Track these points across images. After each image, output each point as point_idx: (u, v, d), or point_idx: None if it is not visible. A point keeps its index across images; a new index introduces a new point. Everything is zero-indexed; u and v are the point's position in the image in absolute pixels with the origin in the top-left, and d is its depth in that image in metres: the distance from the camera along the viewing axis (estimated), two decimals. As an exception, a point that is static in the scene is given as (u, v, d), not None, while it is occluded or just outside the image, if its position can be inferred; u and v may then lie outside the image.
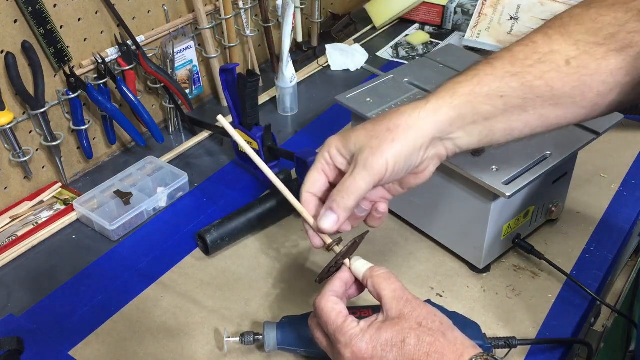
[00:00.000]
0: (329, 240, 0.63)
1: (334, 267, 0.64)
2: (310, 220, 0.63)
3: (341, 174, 0.62)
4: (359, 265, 0.63)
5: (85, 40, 1.01)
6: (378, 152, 0.59)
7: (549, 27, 0.62)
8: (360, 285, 0.63)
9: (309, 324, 0.64)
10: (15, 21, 0.90)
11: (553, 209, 0.89)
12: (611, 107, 0.63)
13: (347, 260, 0.63)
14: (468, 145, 0.63)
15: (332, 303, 0.59)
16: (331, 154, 0.62)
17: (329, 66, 1.39)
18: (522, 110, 0.61)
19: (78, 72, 1.00)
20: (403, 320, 0.56)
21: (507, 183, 0.75)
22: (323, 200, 0.63)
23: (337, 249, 0.63)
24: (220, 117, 0.65)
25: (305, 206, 0.63)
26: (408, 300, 0.58)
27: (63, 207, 0.99)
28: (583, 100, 0.61)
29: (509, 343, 0.73)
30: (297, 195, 0.64)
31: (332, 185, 0.62)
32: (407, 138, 0.59)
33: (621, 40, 0.58)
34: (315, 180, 0.63)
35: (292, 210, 0.96)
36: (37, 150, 1.00)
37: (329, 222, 0.60)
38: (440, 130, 0.60)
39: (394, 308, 0.57)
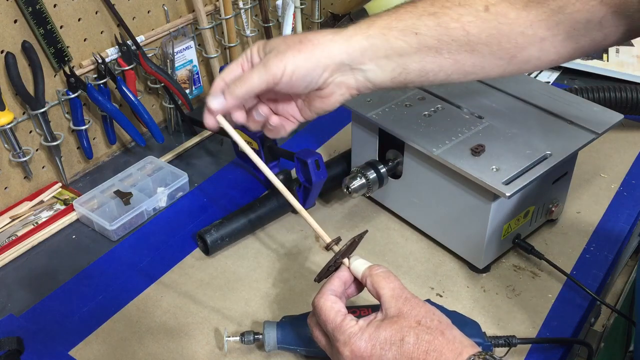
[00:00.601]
0: (328, 240, 0.63)
1: (333, 266, 0.64)
2: (307, 217, 0.64)
3: None
4: (358, 264, 0.63)
5: (85, 40, 1.01)
6: (280, 56, 0.61)
7: None
8: (359, 284, 0.64)
9: (308, 323, 0.64)
10: (15, 21, 0.90)
11: (553, 209, 0.89)
12: (530, 63, 0.63)
13: (346, 260, 0.63)
14: (381, 81, 0.64)
15: (331, 302, 0.59)
16: (252, 51, 0.65)
17: (329, 66, 1.38)
18: (437, 52, 0.62)
19: (78, 72, 1.00)
20: (402, 319, 0.56)
21: (507, 183, 0.75)
22: None
23: (336, 248, 0.63)
24: (219, 117, 0.65)
25: (214, 87, 0.64)
26: (407, 298, 0.58)
27: (63, 207, 0.99)
28: (500, 49, 0.61)
29: (508, 342, 0.73)
30: (295, 195, 0.65)
31: None
32: (313, 53, 0.61)
33: None
34: (231, 70, 0.65)
35: (292, 210, 0.96)
36: (37, 150, 1.00)
37: (216, 102, 0.63)
38: (350, 57, 0.62)
39: (392, 307, 0.57)
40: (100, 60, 1.01)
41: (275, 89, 0.62)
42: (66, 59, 0.98)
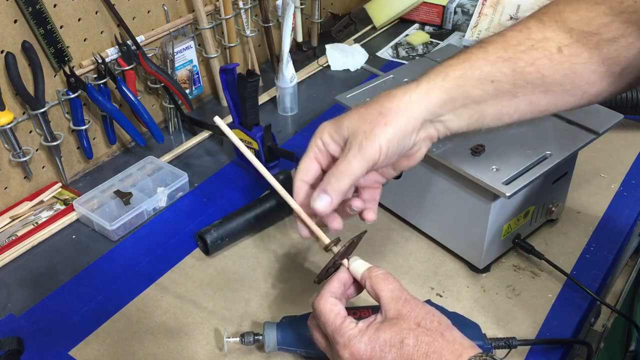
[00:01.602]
0: (327, 241, 0.63)
1: (332, 267, 0.64)
2: (305, 218, 0.64)
3: (334, 160, 0.63)
4: (357, 265, 0.62)
5: (85, 40, 1.01)
6: (371, 136, 0.59)
7: (544, 13, 0.62)
8: (358, 285, 0.63)
9: (308, 325, 0.64)
10: (15, 21, 0.90)
11: (553, 209, 0.89)
12: (599, 96, 0.63)
13: (345, 261, 0.63)
14: (458, 128, 0.63)
15: (330, 304, 0.59)
16: (324, 140, 0.63)
17: (329, 66, 1.39)
18: (513, 96, 0.62)
19: (78, 72, 1.00)
20: (401, 321, 0.56)
21: (507, 183, 0.75)
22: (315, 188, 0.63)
23: (335, 249, 0.63)
24: (216, 119, 0.64)
25: (298, 193, 0.63)
26: (406, 300, 0.58)
27: (63, 207, 0.99)
28: (573, 88, 0.62)
29: (509, 343, 0.73)
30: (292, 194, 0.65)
31: (325, 173, 0.63)
32: (400, 121, 0.60)
33: (614, 30, 0.58)
34: (308, 168, 0.64)
35: (292, 211, 0.96)
36: (37, 150, 1.01)
37: (322, 203, 0.61)
38: (431, 112, 0.61)
39: (392, 308, 0.57)
40: (100, 60, 1.01)
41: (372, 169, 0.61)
42: (66, 59, 0.98)
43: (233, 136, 0.65)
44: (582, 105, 0.64)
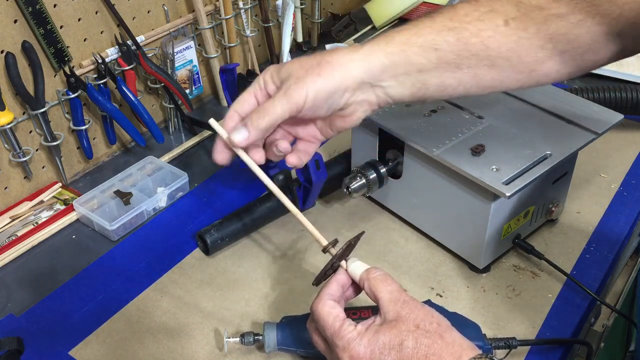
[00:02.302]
0: (325, 242, 0.63)
1: (330, 269, 0.64)
2: (301, 218, 0.64)
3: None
4: (356, 267, 0.62)
5: (85, 40, 1.01)
6: (300, 82, 0.60)
7: None
8: (357, 286, 0.63)
9: (307, 328, 0.63)
10: (15, 21, 0.90)
11: (553, 209, 0.89)
12: (549, 76, 0.63)
13: (343, 262, 0.63)
14: (401, 96, 0.63)
15: (329, 307, 0.59)
16: (265, 79, 0.64)
17: (329, 66, 1.38)
18: (456, 67, 0.62)
19: (78, 72, 1.00)
20: (400, 323, 0.56)
21: (507, 183, 0.75)
22: None
23: (333, 250, 0.63)
24: (212, 121, 0.64)
25: (228, 121, 0.63)
26: (405, 301, 0.58)
27: (63, 207, 0.99)
28: (519, 64, 0.61)
29: (508, 344, 0.73)
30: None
31: None
32: (333, 76, 0.60)
33: (563, 5, 0.58)
34: (244, 101, 0.64)
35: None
36: (37, 150, 1.00)
37: (239, 135, 0.61)
38: (370, 75, 0.61)
39: (391, 310, 0.57)
40: (100, 60, 1.01)
41: (298, 116, 0.61)
42: (66, 59, 0.98)
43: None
44: (531, 84, 0.64)
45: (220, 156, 0.65)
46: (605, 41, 0.60)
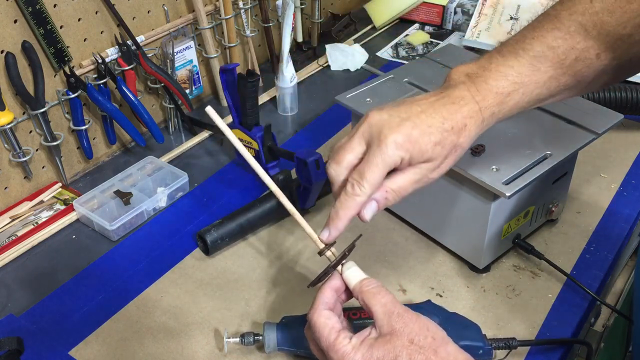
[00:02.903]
0: (321, 245, 0.62)
1: (325, 275, 0.63)
2: (299, 219, 0.64)
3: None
4: (351, 275, 0.61)
5: (85, 40, 1.01)
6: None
7: (582, 13, 0.61)
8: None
9: (305, 334, 0.63)
10: (15, 21, 0.90)
11: (553, 209, 0.89)
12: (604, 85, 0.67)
13: (339, 267, 0.62)
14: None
15: (325, 318, 0.58)
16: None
17: (329, 66, 1.39)
18: (551, 99, 0.65)
19: (78, 72, 1.00)
20: (395, 338, 0.55)
21: (507, 183, 0.75)
22: None
23: (329, 253, 0.62)
24: (209, 109, 0.64)
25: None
26: (399, 314, 0.56)
27: (63, 207, 0.99)
28: (601, 81, 0.65)
29: (509, 344, 0.73)
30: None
31: None
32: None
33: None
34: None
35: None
36: (37, 150, 1.01)
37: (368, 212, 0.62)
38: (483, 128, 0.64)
39: (385, 324, 0.56)
40: (100, 60, 1.01)
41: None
42: (66, 59, 0.98)
43: (233, 137, 0.65)
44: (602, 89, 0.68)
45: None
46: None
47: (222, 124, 0.64)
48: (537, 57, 0.61)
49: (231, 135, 0.64)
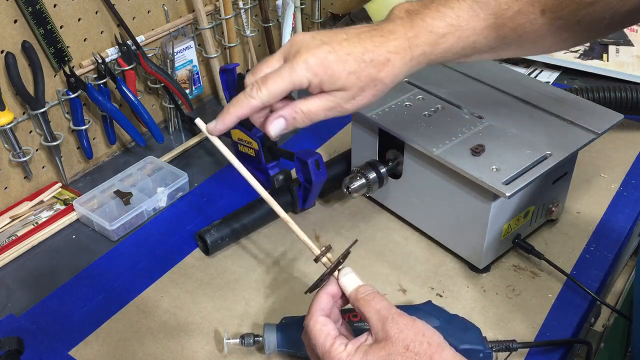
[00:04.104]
0: (317, 252, 0.62)
1: (321, 282, 0.63)
2: (293, 226, 0.65)
3: None
4: (346, 282, 0.61)
5: (85, 40, 1.01)
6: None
7: None
8: None
9: (302, 340, 0.63)
10: (15, 21, 0.90)
11: (553, 209, 0.89)
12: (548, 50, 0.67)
13: (335, 272, 0.62)
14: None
15: (320, 324, 0.58)
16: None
17: (329, 66, 1.38)
18: (486, 53, 0.64)
19: (78, 72, 1.00)
20: (390, 344, 0.54)
21: (507, 183, 0.75)
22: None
23: (324, 260, 0.62)
24: (198, 121, 0.63)
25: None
26: (393, 319, 0.56)
27: (63, 207, 0.99)
28: (543, 45, 0.64)
29: (509, 347, 0.72)
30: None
31: None
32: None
33: None
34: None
35: (293, 210, 0.96)
36: (37, 150, 1.00)
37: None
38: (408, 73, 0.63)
39: (380, 330, 0.56)
40: (100, 60, 1.01)
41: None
42: (66, 59, 0.98)
43: (218, 142, 0.64)
44: (549, 52, 0.68)
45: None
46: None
47: (217, 140, 0.64)
48: (478, 3, 0.61)
49: (222, 147, 0.64)
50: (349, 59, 0.59)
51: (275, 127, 0.62)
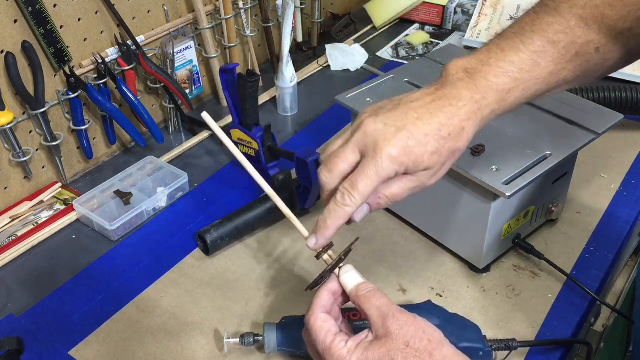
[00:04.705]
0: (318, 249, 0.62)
1: (322, 280, 0.63)
2: (296, 223, 0.64)
3: None
4: (347, 279, 0.61)
5: (85, 40, 1.01)
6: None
7: (582, 7, 0.60)
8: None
9: (303, 337, 0.63)
10: (15, 21, 0.90)
11: (553, 209, 0.89)
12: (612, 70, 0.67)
13: (336, 270, 0.62)
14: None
15: (321, 321, 0.58)
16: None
17: (329, 66, 1.39)
18: (552, 92, 0.64)
19: (78, 72, 1.00)
20: (390, 340, 0.55)
21: (507, 183, 0.75)
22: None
23: (326, 257, 0.62)
24: (204, 115, 0.63)
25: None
26: (394, 316, 0.56)
27: (63, 207, 0.99)
28: (597, 73, 0.65)
29: (509, 346, 0.72)
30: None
31: None
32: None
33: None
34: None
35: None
36: (37, 150, 1.00)
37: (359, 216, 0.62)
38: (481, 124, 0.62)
39: (380, 327, 0.56)
40: (100, 60, 1.01)
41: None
42: (66, 59, 0.98)
43: (227, 139, 0.64)
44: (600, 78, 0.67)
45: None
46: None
47: (215, 126, 0.64)
48: (537, 53, 0.60)
49: (228, 142, 0.64)
50: (429, 139, 0.58)
51: (359, 215, 0.62)
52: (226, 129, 1.02)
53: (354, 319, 0.71)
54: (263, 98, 1.27)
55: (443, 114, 0.59)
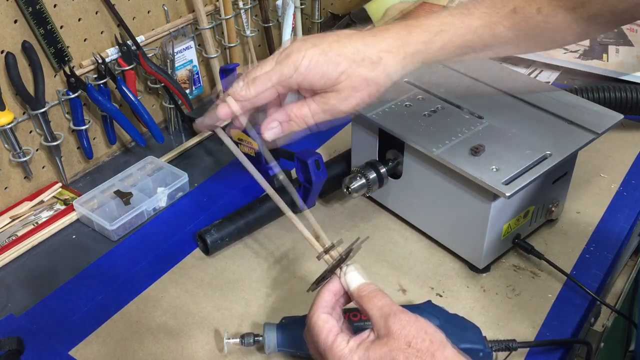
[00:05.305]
0: (320, 249, 0.62)
1: (324, 280, 0.63)
2: (297, 223, 0.65)
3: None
4: (349, 279, 0.61)
5: (85, 40, 1.01)
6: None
7: None
8: None
9: (304, 337, 0.63)
10: (15, 21, 0.90)
11: (553, 209, 0.89)
12: (565, 43, 0.67)
13: (338, 270, 0.62)
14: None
15: (323, 321, 0.58)
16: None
17: (329, 66, 1.38)
18: (482, 51, 0.63)
19: (78, 72, 1.00)
20: (392, 340, 0.54)
21: (507, 183, 0.75)
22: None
23: (327, 257, 0.62)
24: (219, 131, 0.64)
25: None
26: (396, 315, 0.56)
27: (63, 207, 0.99)
28: (543, 41, 0.64)
29: (509, 346, 0.72)
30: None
31: None
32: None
33: None
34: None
35: (293, 210, 0.96)
36: (37, 150, 1.01)
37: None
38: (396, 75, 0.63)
39: (382, 327, 0.56)
40: (100, 60, 1.01)
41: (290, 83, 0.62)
42: (66, 59, 0.98)
43: (220, 131, 0.65)
44: (547, 49, 0.66)
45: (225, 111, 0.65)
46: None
47: (220, 131, 0.64)
48: (472, 1, 0.61)
49: (229, 142, 0.65)
50: (340, 59, 0.59)
51: (270, 132, 0.63)
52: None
53: (354, 319, 0.71)
54: (263, 98, 1.26)
55: (362, 42, 0.60)
